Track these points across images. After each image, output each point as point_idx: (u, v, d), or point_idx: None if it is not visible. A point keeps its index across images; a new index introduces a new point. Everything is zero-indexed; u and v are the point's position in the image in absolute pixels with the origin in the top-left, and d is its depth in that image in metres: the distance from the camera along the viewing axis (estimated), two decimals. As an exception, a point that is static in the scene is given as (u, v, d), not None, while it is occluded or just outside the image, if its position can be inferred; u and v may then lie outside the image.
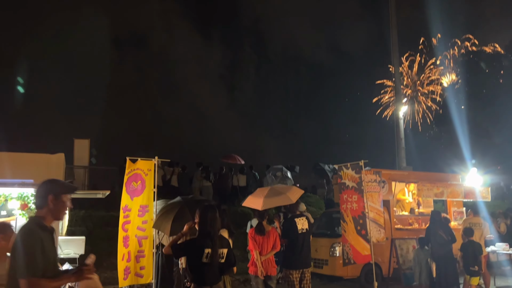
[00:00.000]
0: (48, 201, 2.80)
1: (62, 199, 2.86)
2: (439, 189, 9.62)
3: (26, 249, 2.62)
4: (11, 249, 2.71)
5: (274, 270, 6.46)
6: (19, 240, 2.66)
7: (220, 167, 15.51)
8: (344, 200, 8.34)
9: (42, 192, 2.83)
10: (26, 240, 2.64)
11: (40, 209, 2.82)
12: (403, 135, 19.00)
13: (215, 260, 3.87)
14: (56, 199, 2.82)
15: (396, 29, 19.21)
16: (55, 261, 2.83)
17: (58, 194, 2.84)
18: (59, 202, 2.84)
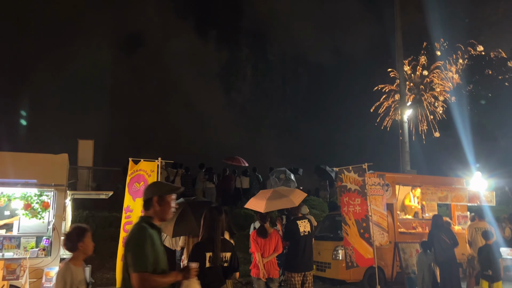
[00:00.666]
0: (153, 202, 2.94)
1: (167, 200, 2.99)
2: (443, 193, 9.56)
3: (138, 245, 2.75)
4: (125, 245, 2.84)
5: (276, 272, 6.43)
6: (131, 237, 2.80)
7: (223, 168, 15.52)
8: (345, 203, 8.31)
9: (148, 194, 2.99)
10: (137, 237, 2.78)
11: (147, 211, 2.97)
12: (407, 138, 18.95)
13: (217, 263, 3.83)
14: (160, 200, 2.96)
15: (400, 31, 19.20)
16: (164, 258, 2.91)
17: (162, 195, 2.98)
18: (164, 203, 2.97)
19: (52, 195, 6.91)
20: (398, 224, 9.77)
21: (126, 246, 2.81)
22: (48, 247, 6.77)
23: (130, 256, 2.74)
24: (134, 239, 2.79)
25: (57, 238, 6.72)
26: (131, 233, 2.83)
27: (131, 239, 2.80)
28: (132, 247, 2.76)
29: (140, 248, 2.74)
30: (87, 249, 3.59)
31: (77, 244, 3.55)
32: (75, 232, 3.60)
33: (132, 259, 2.72)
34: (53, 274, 6.40)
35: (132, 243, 2.78)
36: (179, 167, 14.02)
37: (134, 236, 2.80)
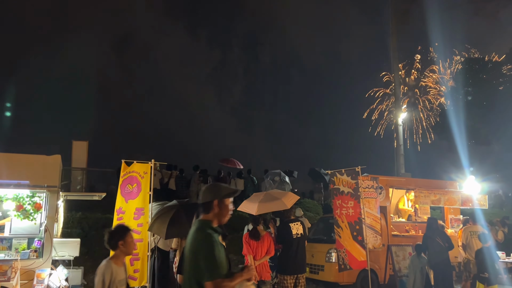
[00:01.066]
0: (213, 205, 2.92)
1: (226, 203, 2.96)
2: (436, 196, 9.61)
3: (210, 253, 2.72)
4: (191, 252, 2.81)
5: (268, 275, 6.45)
6: (201, 245, 2.77)
7: (218, 170, 15.51)
8: (338, 205, 8.34)
9: (208, 197, 2.95)
10: (208, 245, 2.75)
11: (206, 214, 2.95)
12: (402, 141, 19.04)
13: None
14: (220, 204, 2.94)
15: (395, 35, 19.31)
16: (225, 260, 2.91)
17: (222, 198, 2.95)
18: (223, 206, 2.95)
19: (44, 196, 6.89)
20: (391, 227, 9.80)
21: (195, 254, 2.79)
22: (40, 249, 6.75)
23: (202, 264, 2.73)
24: (205, 247, 2.76)
25: (49, 240, 6.70)
26: (200, 241, 2.81)
27: (201, 248, 2.78)
28: (204, 256, 2.74)
29: (213, 256, 2.73)
30: (128, 248, 3.66)
31: (118, 242, 3.61)
32: (117, 230, 3.71)
33: (206, 268, 2.71)
34: (44, 275, 6.38)
35: (204, 252, 2.75)
36: (173, 168, 14.00)
37: (204, 244, 2.78)
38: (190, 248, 2.84)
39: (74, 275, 7.68)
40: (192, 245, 2.84)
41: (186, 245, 2.95)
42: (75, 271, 7.74)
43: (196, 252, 2.77)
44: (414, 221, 10.43)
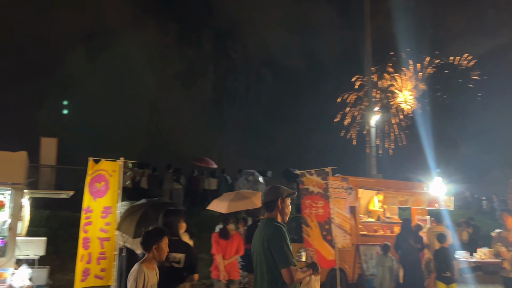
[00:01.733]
0: (277, 204, 3.24)
1: (287, 202, 3.30)
2: (403, 197, 9.84)
3: (283, 243, 3.04)
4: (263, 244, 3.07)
5: (237, 274, 6.48)
6: (273, 235, 3.08)
7: (191, 169, 15.43)
8: (307, 205, 8.45)
9: (272, 197, 3.27)
10: (279, 235, 3.07)
11: (270, 212, 3.26)
12: (374, 143, 19.37)
13: (164, 263, 3.84)
14: (283, 202, 3.26)
15: (370, 38, 19.63)
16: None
17: (284, 198, 3.28)
18: (285, 205, 3.28)
19: (8, 194, 6.70)
20: (360, 227, 9.98)
21: (268, 244, 3.06)
22: (3, 248, 6.56)
23: (277, 253, 3.01)
24: (277, 237, 3.06)
25: (13, 239, 6.53)
26: (271, 232, 3.11)
27: (273, 237, 3.06)
28: (278, 245, 3.02)
29: (285, 245, 3.03)
30: (161, 254, 3.64)
31: (152, 246, 3.60)
32: (153, 232, 3.67)
33: (280, 255, 2.99)
34: (7, 275, 6.22)
35: (276, 241, 3.03)
36: (145, 167, 13.85)
37: (276, 234, 3.07)
38: (262, 241, 3.11)
39: (39, 274, 7.50)
40: (264, 238, 3.11)
41: (255, 241, 3.23)
42: (39, 271, 7.56)
43: (269, 243, 3.05)
44: (382, 221, 10.65)
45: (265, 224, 3.24)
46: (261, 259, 3.11)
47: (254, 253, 3.26)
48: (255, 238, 3.30)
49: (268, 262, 3.05)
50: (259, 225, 3.37)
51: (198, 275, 4.16)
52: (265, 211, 3.30)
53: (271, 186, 3.43)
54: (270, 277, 3.05)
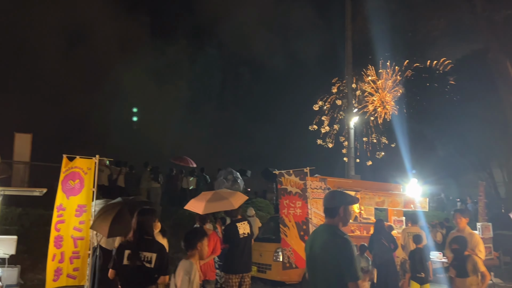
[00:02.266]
0: (340, 211, 3.19)
1: (350, 210, 3.26)
2: (380, 198, 9.97)
3: (352, 256, 3.01)
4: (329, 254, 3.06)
5: (213, 274, 6.44)
6: (343, 249, 3.03)
7: (170, 168, 15.29)
8: (285, 205, 8.46)
9: (334, 203, 3.23)
10: (349, 248, 3.03)
11: (332, 219, 3.21)
12: (353, 144, 19.55)
13: (135, 262, 3.79)
14: (345, 210, 3.22)
15: (350, 41, 19.80)
16: None
17: (347, 205, 3.24)
18: (348, 212, 3.24)
19: (-22, 191, 6.50)
20: (337, 227, 10.05)
21: (338, 255, 3.03)
22: (-28, 246, 6.37)
23: (347, 266, 2.99)
24: (347, 250, 3.01)
25: (-18, 237, 6.33)
26: (340, 245, 3.06)
27: (343, 251, 3.02)
28: (348, 258, 3.00)
29: (354, 259, 3.01)
30: (202, 252, 3.88)
31: (197, 243, 3.85)
32: (198, 231, 4.07)
33: (350, 269, 2.98)
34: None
35: (346, 255, 3.00)
36: (123, 165, 13.65)
37: (345, 248, 3.03)
38: (327, 249, 3.10)
39: (10, 274, 7.31)
40: (330, 248, 3.08)
41: (316, 247, 3.18)
42: (10, 270, 7.36)
43: (339, 254, 3.02)
44: (359, 222, 10.77)
45: (328, 231, 3.20)
46: (323, 267, 3.12)
47: (312, 258, 3.25)
48: (314, 243, 3.27)
49: (332, 271, 3.06)
50: (317, 230, 3.38)
51: (169, 277, 4.09)
52: (326, 216, 3.29)
53: (334, 192, 3.44)
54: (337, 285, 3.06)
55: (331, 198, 3.31)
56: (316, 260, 3.19)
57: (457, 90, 22.93)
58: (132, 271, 3.77)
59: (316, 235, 3.33)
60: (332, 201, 3.27)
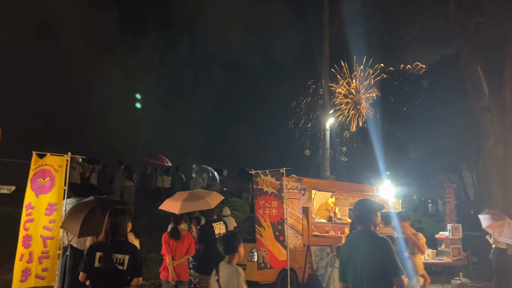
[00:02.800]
0: (372, 217, 3.58)
1: (378, 215, 3.65)
2: (355, 199, 10.08)
3: (392, 253, 3.38)
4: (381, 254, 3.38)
5: (187, 275, 6.36)
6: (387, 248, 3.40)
7: (144, 166, 15.05)
8: (261, 205, 8.44)
9: (367, 211, 3.61)
10: (389, 246, 3.40)
11: (366, 224, 3.58)
12: (328, 145, 19.73)
13: (107, 265, 3.70)
14: (376, 215, 3.62)
15: (328, 42, 19.97)
16: None
17: (377, 211, 3.63)
18: (377, 217, 3.63)
19: None
20: (312, 227, 10.12)
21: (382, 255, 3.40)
22: None
23: (391, 263, 3.34)
24: (388, 248, 3.39)
25: None
26: (381, 245, 3.44)
27: (388, 249, 3.39)
28: (393, 255, 3.37)
29: (395, 255, 3.37)
30: (240, 255, 4.04)
31: (238, 247, 4.00)
32: (235, 236, 4.11)
33: (394, 265, 3.33)
34: None
35: (391, 252, 3.37)
36: (96, 162, 13.35)
37: (389, 246, 3.40)
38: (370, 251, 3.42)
39: (-26, 274, 7.02)
40: (373, 249, 3.43)
41: (357, 251, 3.49)
42: (-26, 271, 7.07)
43: (382, 254, 3.37)
44: (334, 223, 10.86)
45: (367, 235, 3.55)
46: (368, 268, 3.39)
47: (352, 262, 3.50)
48: (353, 248, 3.58)
49: (376, 270, 3.36)
50: (354, 237, 3.68)
51: (142, 278, 4.01)
52: (359, 223, 3.62)
53: (364, 200, 3.85)
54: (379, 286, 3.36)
55: (362, 206, 3.68)
56: (357, 262, 3.46)
57: (429, 94, 23.49)
58: (104, 273, 3.67)
59: (354, 240, 3.66)
60: (364, 209, 3.63)
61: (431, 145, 22.55)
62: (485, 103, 13.21)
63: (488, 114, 13.19)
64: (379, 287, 3.37)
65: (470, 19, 13.07)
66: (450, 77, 19.43)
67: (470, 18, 13.09)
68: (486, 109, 13.22)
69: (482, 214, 10.17)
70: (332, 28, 19.89)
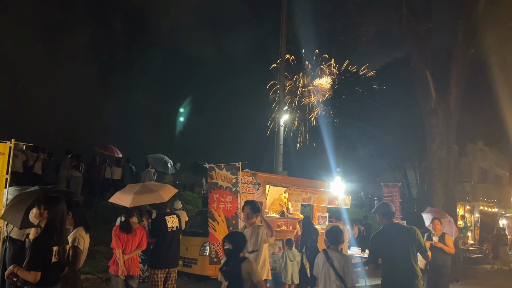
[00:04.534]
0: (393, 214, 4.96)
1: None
2: (307, 194, 10.23)
3: (420, 236, 4.71)
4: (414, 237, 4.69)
5: (137, 269, 6.16)
6: (414, 232, 4.72)
7: (92, 156, 14.46)
8: (215, 199, 8.37)
9: (392, 209, 4.94)
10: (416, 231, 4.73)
11: (392, 219, 4.86)
12: (282, 141, 19.93)
13: (63, 258, 3.52)
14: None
15: (285, 39, 20.11)
16: None
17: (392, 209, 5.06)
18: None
19: None
20: (265, 222, 10.15)
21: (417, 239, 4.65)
22: None
23: (421, 244, 4.69)
24: (416, 233, 4.69)
25: None
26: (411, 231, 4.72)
27: (414, 234, 4.68)
28: (418, 238, 4.66)
29: (422, 238, 4.74)
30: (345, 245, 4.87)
31: (343, 239, 4.82)
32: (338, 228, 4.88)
33: (421, 245, 4.67)
34: None
35: (417, 236, 4.66)
36: (40, 151, 12.64)
37: (414, 232, 4.70)
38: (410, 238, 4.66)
39: None
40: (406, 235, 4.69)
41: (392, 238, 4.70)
42: None
43: (416, 238, 4.64)
44: (286, 217, 10.98)
45: (398, 226, 4.95)
46: (408, 252, 4.60)
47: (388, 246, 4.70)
48: (388, 236, 4.77)
49: (409, 250, 4.62)
50: (387, 228, 4.84)
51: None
52: (388, 218, 4.83)
53: (387, 203, 5.12)
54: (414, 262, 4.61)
55: (387, 206, 4.96)
56: (393, 246, 4.65)
57: (379, 95, 24.30)
58: (58, 268, 3.49)
59: (387, 231, 4.83)
60: (388, 208, 4.91)
61: (379, 144, 23.37)
62: (432, 106, 13.83)
63: (434, 116, 13.83)
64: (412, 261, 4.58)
65: (421, 25, 13.61)
66: (399, 79, 20.20)
67: (421, 24, 13.63)
68: (432, 112, 13.85)
69: (424, 212, 10.68)
70: (290, 26, 20.05)
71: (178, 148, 31.89)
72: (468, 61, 14.00)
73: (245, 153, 26.50)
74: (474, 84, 16.28)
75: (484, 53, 14.32)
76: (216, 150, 31.06)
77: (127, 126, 34.51)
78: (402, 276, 4.60)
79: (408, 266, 4.59)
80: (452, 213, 13.24)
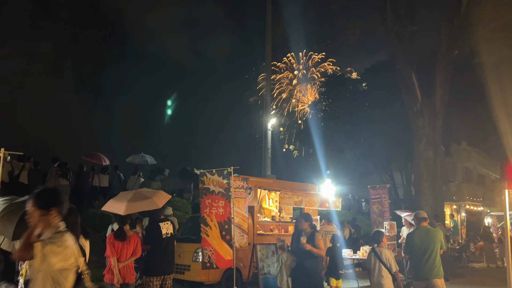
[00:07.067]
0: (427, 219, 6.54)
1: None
2: (299, 197, 10.27)
3: (444, 235, 6.72)
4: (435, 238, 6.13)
5: (133, 277, 6.09)
6: (439, 233, 6.35)
7: (80, 164, 14.26)
8: (207, 204, 8.34)
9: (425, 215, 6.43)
10: (441, 232, 6.44)
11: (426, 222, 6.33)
12: (270, 145, 19.98)
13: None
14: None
15: (270, 43, 20.21)
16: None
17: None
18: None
19: None
20: (257, 226, 10.16)
21: (439, 237, 6.07)
22: None
23: (443, 241, 6.10)
24: (441, 233, 6.18)
25: None
26: (439, 232, 6.23)
27: (440, 234, 6.12)
28: (442, 237, 6.07)
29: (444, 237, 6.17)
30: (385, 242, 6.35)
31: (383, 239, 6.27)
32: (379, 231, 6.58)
33: (444, 241, 6.08)
34: None
35: (441, 235, 6.13)
36: (26, 160, 12.41)
37: (441, 232, 6.19)
38: (439, 238, 6.07)
39: None
40: (435, 235, 6.08)
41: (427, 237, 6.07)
42: None
43: (439, 237, 6.03)
44: (278, 221, 10.99)
45: (430, 229, 6.27)
46: (436, 251, 5.97)
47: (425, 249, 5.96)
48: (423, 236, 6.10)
49: (437, 247, 6.01)
50: (422, 229, 6.23)
51: None
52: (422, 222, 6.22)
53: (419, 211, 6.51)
54: (439, 258, 5.96)
55: (423, 213, 6.39)
56: (427, 242, 5.99)
57: (365, 97, 24.51)
58: None
59: (423, 232, 6.16)
60: (424, 215, 6.26)
61: (365, 147, 23.55)
62: (418, 108, 14.02)
63: (420, 118, 14.02)
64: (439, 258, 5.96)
65: (405, 28, 13.81)
66: (385, 81, 20.42)
67: (405, 27, 13.82)
68: (418, 113, 14.04)
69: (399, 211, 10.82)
70: (275, 29, 20.15)
71: (165, 154, 31.67)
72: (452, 62, 14.25)
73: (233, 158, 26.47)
74: (458, 85, 16.57)
75: (468, 54, 14.59)
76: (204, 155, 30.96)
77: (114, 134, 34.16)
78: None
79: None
80: (441, 212, 13.43)
